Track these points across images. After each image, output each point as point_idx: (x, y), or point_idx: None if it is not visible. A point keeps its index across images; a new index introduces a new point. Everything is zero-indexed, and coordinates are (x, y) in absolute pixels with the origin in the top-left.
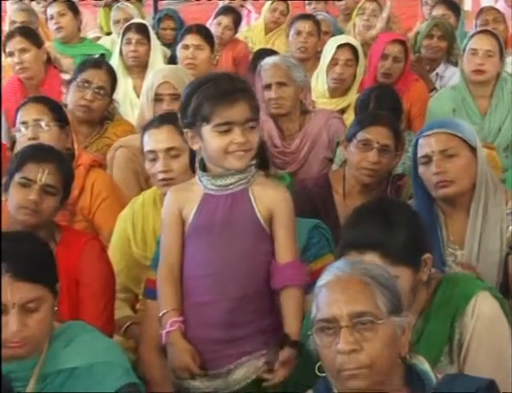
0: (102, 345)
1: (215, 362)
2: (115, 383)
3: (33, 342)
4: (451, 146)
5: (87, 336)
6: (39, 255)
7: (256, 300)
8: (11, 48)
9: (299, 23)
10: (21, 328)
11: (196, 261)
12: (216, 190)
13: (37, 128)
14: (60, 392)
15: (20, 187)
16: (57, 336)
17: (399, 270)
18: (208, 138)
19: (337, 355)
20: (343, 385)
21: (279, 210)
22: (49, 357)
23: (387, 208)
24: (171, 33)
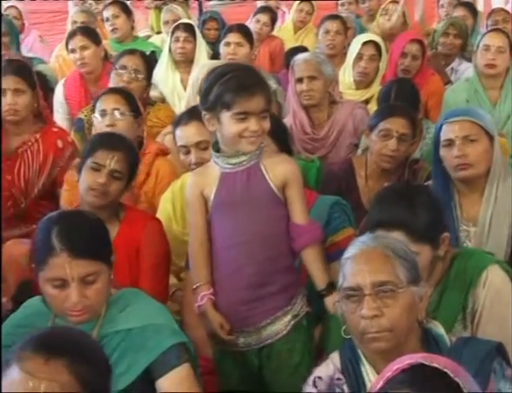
0: (153, 309)
1: (248, 320)
2: (166, 342)
3: (92, 310)
4: (473, 133)
5: (140, 302)
6: (94, 233)
7: (278, 261)
8: (73, 46)
9: (328, 23)
10: (81, 299)
11: (223, 234)
12: (231, 168)
13: (114, 117)
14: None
15: (91, 170)
16: (114, 302)
17: (420, 247)
18: (226, 123)
19: (361, 320)
20: (366, 346)
21: (291, 179)
22: (107, 320)
23: (411, 191)
24: (214, 32)
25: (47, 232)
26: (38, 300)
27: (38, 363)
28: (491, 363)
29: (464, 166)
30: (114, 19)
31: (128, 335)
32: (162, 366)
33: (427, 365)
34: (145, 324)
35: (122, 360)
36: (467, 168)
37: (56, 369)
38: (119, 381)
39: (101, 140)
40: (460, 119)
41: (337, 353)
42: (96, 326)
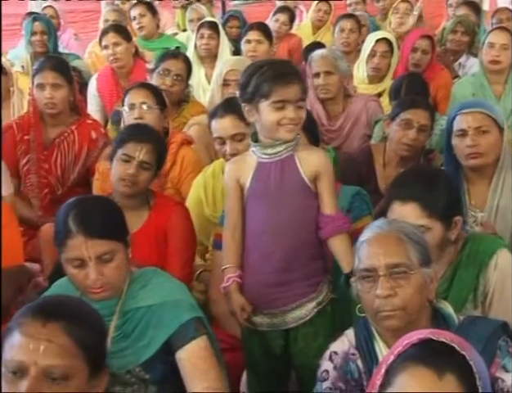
0: (173, 286)
1: (274, 303)
2: (184, 317)
3: (111, 286)
4: (485, 124)
5: (160, 279)
6: (107, 215)
7: (305, 249)
8: (106, 42)
9: (343, 22)
10: (99, 277)
11: (255, 220)
12: (267, 158)
13: (142, 110)
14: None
15: (122, 161)
16: (135, 280)
17: (433, 223)
18: (264, 112)
19: (375, 299)
20: (379, 324)
21: (323, 172)
22: (129, 297)
23: (431, 172)
24: (236, 30)
25: (64, 216)
26: (67, 279)
27: (36, 327)
28: (497, 340)
29: (476, 155)
30: (140, 18)
31: (148, 310)
32: (180, 339)
33: (435, 340)
34: (164, 300)
35: (144, 334)
36: (478, 157)
37: (53, 331)
38: (142, 353)
39: (131, 133)
40: (474, 110)
41: (352, 330)
42: (119, 302)
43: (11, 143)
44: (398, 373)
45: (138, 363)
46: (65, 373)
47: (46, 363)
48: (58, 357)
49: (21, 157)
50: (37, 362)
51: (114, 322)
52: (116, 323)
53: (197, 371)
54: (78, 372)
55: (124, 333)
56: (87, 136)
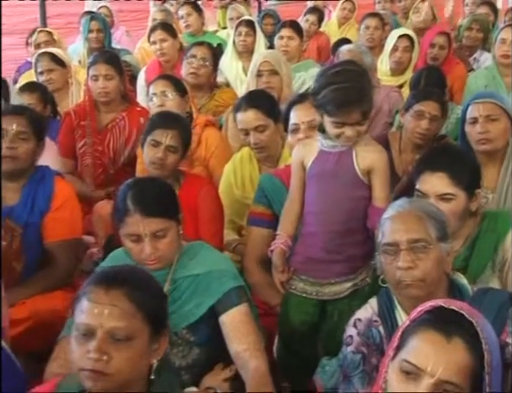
0: (217, 258)
1: (313, 273)
2: (227, 285)
3: (164, 259)
4: (495, 113)
5: (206, 252)
6: (162, 195)
7: (350, 235)
8: (154, 38)
9: (368, 20)
10: (153, 251)
11: (310, 200)
12: (329, 147)
13: (163, 98)
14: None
15: (151, 146)
16: (184, 252)
17: (458, 191)
18: (327, 124)
19: (397, 271)
20: (400, 293)
21: (377, 167)
22: (179, 267)
23: (457, 148)
24: (271, 27)
25: (123, 196)
26: (122, 251)
27: (100, 294)
28: (507, 310)
29: (485, 141)
30: (187, 16)
31: (196, 279)
32: (224, 304)
33: (446, 307)
34: (210, 270)
35: (191, 300)
36: (487, 143)
37: (116, 297)
38: (189, 317)
39: (158, 120)
40: (485, 100)
41: (375, 299)
42: (170, 272)
43: (69, 128)
44: (411, 336)
45: (185, 326)
46: (128, 334)
47: (110, 325)
48: (121, 319)
49: (78, 141)
50: (102, 324)
51: (165, 288)
52: (167, 290)
53: (238, 334)
54: (140, 333)
55: (174, 298)
56: (136, 121)
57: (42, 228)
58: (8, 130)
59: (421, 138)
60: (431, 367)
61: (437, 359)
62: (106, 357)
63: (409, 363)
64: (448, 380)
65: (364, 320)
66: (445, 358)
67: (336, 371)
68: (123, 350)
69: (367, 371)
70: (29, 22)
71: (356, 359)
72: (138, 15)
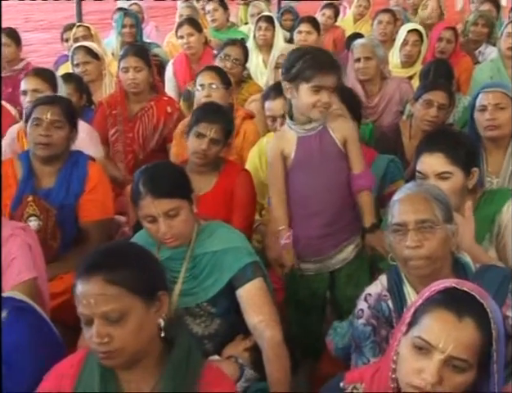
0: (234, 236)
1: (321, 251)
2: (243, 261)
3: (180, 236)
4: (503, 102)
5: (223, 230)
6: (172, 177)
7: (343, 204)
8: (181, 33)
9: (381, 15)
10: (168, 229)
11: (301, 184)
12: (305, 132)
13: (210, 89)
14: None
15: (196, 138)
16: (202, 230)
17: (455, 169)
18: (303, 94)
19: (405, 249)
20: (408, 270)
21: (349, 135)
22: (197, 244)
23: (453, 131)
24: (289, 22)
25: (137, 181)
26: None
27: (83, 284)
28: (508, 285)
29: (493, 127)
30: (213, 12)
31: (214, 255)
32: (240, 279)
33: (458, 288)
34: (227, 247)
35: (210, 275)
36: (494, 129)
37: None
38: (209, 291)
39: (204, 113)
40: (494, 90)
41: (385, 275)
42: (189, 249)
43: (102, 117)
44: (424, 314)
45: (206, 299)
46: (120, 314)
47: (100, 311)
48: (108, 304)
49: (110, 128)
50: (94, 313)
51: (185, 266)
52: (187, 266)
53: (254, 306)
54: (132, 308)
55: (194, 274)
56: (164, 110)
57: (76, 209)
58: (43, 119)
59: (430, 125)
60: (442, 344)
61: (448, 337)
62: (107, 338)
63: (421, 340)
64: (458, 356)
65: (374, 295)
66: (456, 336)
67: (347, 332)
68: (121, 327)
69: (377, 341)
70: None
71: (366, 331)
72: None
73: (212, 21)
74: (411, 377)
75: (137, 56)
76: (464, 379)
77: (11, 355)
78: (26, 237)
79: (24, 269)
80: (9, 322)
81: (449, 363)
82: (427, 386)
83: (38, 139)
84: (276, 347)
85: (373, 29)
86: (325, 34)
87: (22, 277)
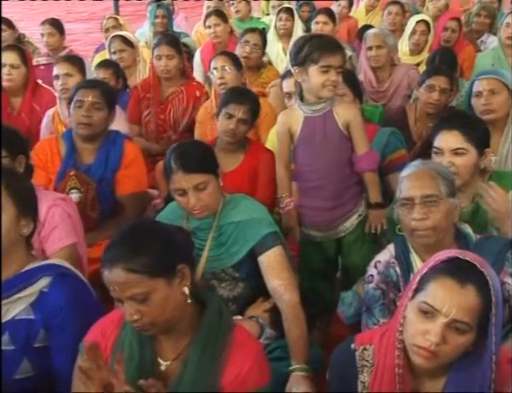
0: (256, 208)
1: (328, 221)
2: (264, 230)
3: (207, 208)
4: (496, 87)
5: (247, 202)
6: (200, 154)
7: (346, 179)
8: (209, 23)
9: (390, 7)
10: (197, 202)
11: (306, 160)
12: (312, 113)
13: (223, 71)
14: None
15: (225, 118)
16: (227, 203)
17: (470, 147)
18: (312, 75)
19: (412, 221)
20: (414, 240)
21: (353, 120)
22: (223, 215)
23: (470, 113)
24: (307, 14)
25: (169, 158)
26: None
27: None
28: (505, 253)
29: (489, 111)
30: (237, 4)
31: (238, 225)
32: (262, 247)
33: (461, 258)
34: (249, 218)
35: (234, 244)
36: (490, 113)
37: (118, 274)
38: (234, 257)
39: (233, 95)
40: (488, 76)
41: (393, 244)
42: (215, 220)
43: (137, 99)
44: (429, 281)
45: (230, 265)
46: (144, 295)
47: (126, 295)
48: (131, 289)
49: (144, 110)
50: (121, 296)
51: (211, 235)
52: (213, 235)
53: (274, 271)
54: (155, 288)
55: (219, 242)
56: (193, 94)
57: (113, 183)
58: (84, 101)
59: (433, 108)
60: (446, 308)
61: (451, 302)
62: (137, 316)
63: (427, 304)
64: (460, 319)
65: (383, 262)
66: (458, 301)
67: (353, 300)
68: (147, 305)
69: (386, 304)
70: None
71: (376, 294)
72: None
73: (236, 12)
74: (417, 338)
75: (170, 45)
76: (465, 340)
77: (55, 318)
78: (66, 207)
79: (65, 236)
80: (53, 287)
81: (452, 326)
82: (431, 345)
83: (80, 120)
84: (294, 308)
85: (383, 19)
86: (339, 24)
87: (63, 242)
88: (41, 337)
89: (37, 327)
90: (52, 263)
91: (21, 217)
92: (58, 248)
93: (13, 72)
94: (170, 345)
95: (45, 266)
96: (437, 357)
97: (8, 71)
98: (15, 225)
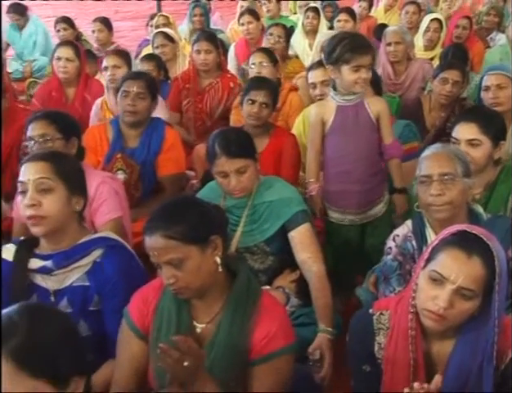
0: (287, 189)
1: (356, 205)
2: (294, 209)
3: (246, 189)
4: (503, 82)
5: (279, 184)
6: (241, 140)
7: (374, 167)
8: (242, 21)
9: (407, 6)
10: (237, 183)
11: (337, 147)
12: (345, 103)
13: (260, 67)
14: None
15: (248, 104)
16: (261, 184)
17: (485, 139)
18: (345, 73)
19: (429, 197)
20: (430, 215)
21: (383, 112)
22: (257, 195)
23: (488, 108)
24: (331, 13)
25: (212, 143)
26: (214, 183)
27: (146, 240)
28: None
29: (496, 104)
30: (268, 3)
31: (270, 204)
32: (292, 223)
33: (469, 231)
34: (281, 197)
35: (267, 220)
36: (498, 105)
37: (157, 241)
38: (265, 233)
39: (253, 83)
40: (495, 72)
41: (410, 220)
42: (250, 199)
43: (177, 90)
44: (439, 252)
45: (262, 240)
46: (180, 260)
47: (163, 260)
48: (168, 254)
49: (183, 99)
50: (159, 261)
51: (246, 212)
52: (247, 213)
53: (303, 245)
54: (189, 255)
55: (253, 220)
56: (228, 85)
57: (155, 165)
58: (130, 91)
59: (446, 99)
60: (453, 276)
61: (458, 271)
62: (173, 279)
63: (436, 273)
64: (466, 287)
65: (401, 235)
66: (465, 270)
67: (367, 296)
68: (182, 270)
69: (402, 274)
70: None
71: (394, 265)
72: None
73: (267, 12)
74: (427, 303)
75: (208, 41)
76: (470, 305)
77: (107, 285)
78: (113, 184)
79: (112, 210)
80: (106, 257)
81: (458, 292)
82: (440, 310)
83: (126, 108)
84: (322, 279)
85: (401, 18)
86: (360, 23)
87: (110, 215)
88: (95, 302)
89: (91, 293)
90: (104, 236)
91: (72, 196)
92: (106, 221)
93: (68, 65)
94: (204, 309)
95: (98, 239)
96: (445, 320)
97: (64, 64)
98: (68, 204)
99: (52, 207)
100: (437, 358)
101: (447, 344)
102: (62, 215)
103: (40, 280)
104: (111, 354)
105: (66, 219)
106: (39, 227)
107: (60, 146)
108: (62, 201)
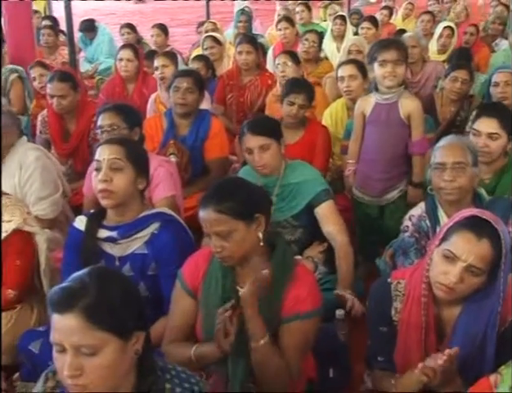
0: (311, 171)
1: (376, 189)
2: (318, 188)
3: (268, 166)
4: (510, 79)
5: (303, 167)
6: (267, 123)
7: (398, 158)
8: (280, 27)
9: (423, 15)
10: (260, 159)
11: (371, 138)
12: (381, 101)
13: (284, 66)
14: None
15: (288, 105)
16: (288, 166)
17: (503, 133)
18: (375, 69)
19: (442, 182)
20: (443, 197)
21: (414, 112)
22: (284, 177)
23: (507, 106)
24: (356, 21)
25: (243, 126)
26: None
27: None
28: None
29: (504, 98)
30: (301, 12)
31: (297, 185)
32: (317, 200)
33: (479, 216)
34: (306, 179)
35: (294, 198)
36: (505, 99)
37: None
38: (293, 209)
39: (292, 86)
40: (504, 70)
41: (423, 202)
42: (279, 179)
43: (222, 86)
44: (453, 233)
45: (290, 215)
46: (228, 232)
47: (213, 230)
48: (218, 225)
49: (227, 94)
50: (209, 231)
51: (275, 192)
52: (277, 192)
53: (328, 218)
54: (236, 228)
55: (282, 197)
56: (266, 82)
57: (202, 150)
58: (180, 86)
59: (456, 95)
60: (464, 255)
61: (469, 251)
62: (220, 249)
63: (449, 251)
64: (475, 265)
65: (416, 215)
66: (475, 250)
67: (385, 267)
68: (229, 241)
69: (419, 248)
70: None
71: (411, 241)
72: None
73: (300, 19)
74: (440, 276)
75: (249, 43)
76: (478, 281)
77: (163, 253)
78: (169, 167)
79: (167, 189)
80: (162, 230)
81: (468, 269)
82: (450, 283)
83: (177, 101)
84: (345, 247)
85: (417, 25)
86: (382, 29)
87: (165, 194)
88: (152, 267)
89: (149, 260)
90: (160, 211)
91: (137, 176)
92: (162, 197)
93: (128, 65)
94: (246, 275)
95: (155, 214)
96: (454, 292)
97: (125, 64)
98: (134, 183)
99: (121, 184)
100: (446, 321)
101: (455, 310)
102: (128, 192)
103: (107, 247)
104: (165, 312)
105: (131, 196)
106: (108, 200)
107: (125, 134)
108: (129, 179)
